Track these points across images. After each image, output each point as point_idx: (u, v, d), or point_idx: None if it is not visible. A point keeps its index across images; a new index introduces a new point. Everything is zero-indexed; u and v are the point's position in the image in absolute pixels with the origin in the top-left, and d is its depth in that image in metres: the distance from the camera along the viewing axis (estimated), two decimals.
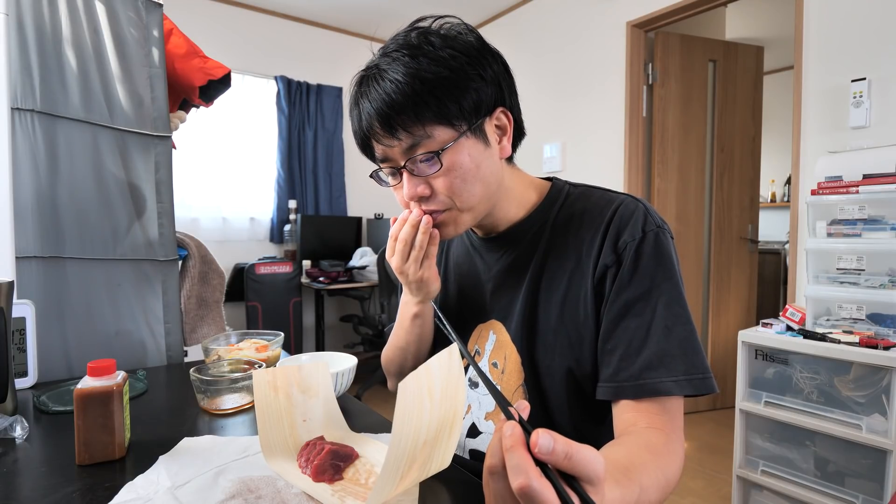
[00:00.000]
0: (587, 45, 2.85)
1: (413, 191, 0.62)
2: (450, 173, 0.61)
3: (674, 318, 0.59)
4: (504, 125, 0.65)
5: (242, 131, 3.35)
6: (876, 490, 1.44)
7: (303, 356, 0.87)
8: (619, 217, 0.63)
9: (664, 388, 0.57)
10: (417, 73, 0.57)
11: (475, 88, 0.60)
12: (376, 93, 0.59)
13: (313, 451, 0.57)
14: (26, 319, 0.89)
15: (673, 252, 0.63)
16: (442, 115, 0.58)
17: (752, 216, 2.93)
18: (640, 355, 0.58)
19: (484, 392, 0.73)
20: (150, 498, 0.51)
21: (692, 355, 0.58)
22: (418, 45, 0.59)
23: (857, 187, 1.63)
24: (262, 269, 3.14)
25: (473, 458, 0.74)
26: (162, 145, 1.11)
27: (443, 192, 0.62)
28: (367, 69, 0.63)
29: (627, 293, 0.61)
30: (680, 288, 0.62)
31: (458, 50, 0.60)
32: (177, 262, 1.15)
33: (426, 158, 0.60)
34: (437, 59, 0.58)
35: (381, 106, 0.59)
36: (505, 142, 0.65)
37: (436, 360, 0.48)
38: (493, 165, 0.64)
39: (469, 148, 0.61)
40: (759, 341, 1.68)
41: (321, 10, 3.45)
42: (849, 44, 1.90)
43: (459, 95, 0.59)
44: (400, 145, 0.60)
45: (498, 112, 0.64)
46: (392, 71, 0.59)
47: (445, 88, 0.58)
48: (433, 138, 0.59)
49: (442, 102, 0.58)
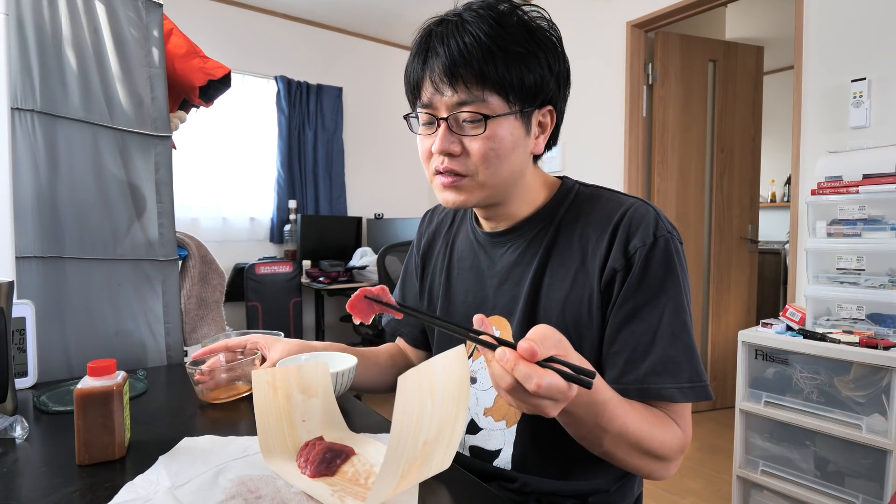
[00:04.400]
0: (587, 45, 2.86)
1: (446, 145, 0.61)
2: (488, 142, 0.61)
3: (680, 326, 0.60)
4: (546, 124, 0.66)
5: (242, 131, 3.35)
6: (876, 490, 1.44)
7: (302, 356, 0.87)
8: (629, 220, 0.63)
9: (668, 394, 0.59)
10: (498, 37, 0.58)
11: (541, 76, 0.61)
12: (454, 39, 0.59)
13: (312, 451, 0.57)
14: (26, 319, 0.89)
15: (683, 260, 0.64)
16: (503, 86, 0.59)
17: (752, 216, 2.93)
18: (646, 360, 0.59)
19: (482, 388, 0.73)
20: (150, 498, 0.51)
21: (696, 363, 0.60)
22: (506, 15, 0.60)
23: (857, 187, 1.63)
24: (262, 269, 3.14)
25: (474, 455, 0.74)
26: (162, 145, 1.11)
27: (474, 157, 0.61)
28: (448, 15, 0.62)
29: (636, 298, 0.61)
30: (686, 296, 0.63)
31: (539, 37, 0.61)
32: (177, 262, 1.15)
33: (473, 119, 0.60)
34: (519, 35, 0.59)
35: (454, 52, 0.58)
36: (541, 139, 0.67)
37: (439, 359, 0.47)
38: (524, 154, 0.65)
39: (513, 128, 0.62)
40: (759, 341, 1.68)
41: (321, 10, 3.45)
42: (849, 44, 1.90)
43: (525, 75, 0.60)
44: (453, 97, 0.60)
45: (546, 109, 0.65)
46: (475, 25, 0.59)
47: (517, 63, 0.59)
48: (486, 103, 0.60)
49: (510, 73, 0.59)
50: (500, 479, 0.70)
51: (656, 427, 0.58)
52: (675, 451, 0.59)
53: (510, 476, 0.69)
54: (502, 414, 0.71)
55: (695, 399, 0.60)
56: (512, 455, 0.70)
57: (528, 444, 0.69)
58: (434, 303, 0.83)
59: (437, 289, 0.83)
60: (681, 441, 0.60)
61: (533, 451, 0.69)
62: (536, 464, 0.69)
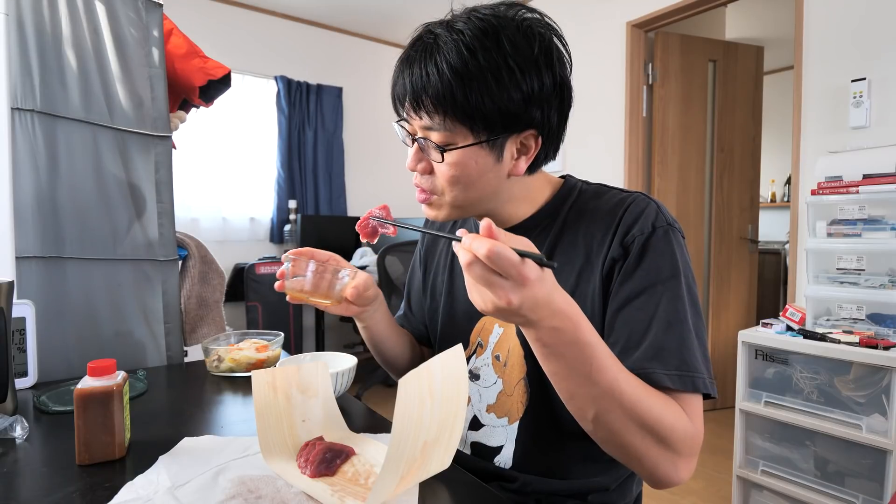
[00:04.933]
0: (587, 45, 2.86)
1: (415, 163, 0.65)
2: (451, 168, 0.61)
3: (676, 315, 0.58)
4: (529, 147, 0.62)
5: (242, 131, 3.35)
6: (876, 490, 1.44)
7: (306, 356, 0.87)
8: (630, 213, 0.63)
9: (657, 377, 0.55)
10: (465, 70, 0.56)
11: (514, 104, 0.58)
12: (419, 67, 0.58)
13: (312, 451, 0.57)
14: (26, 319, 0.89)
15: (684, 251, 0.62)
16: (467, 117, 0.58)
17: (752, 216, 2.93)
18: (640, 348, 0.58)
19: (485, 385, 0.73)
20: (150, 498, 0.51)
21: (687, 354, 0.57)
22: (487, 37, 0.57)
23: (857, 187, 1.63)
24: (262, 269, 3.14)
25: (475, 451, 0.74)
26: (162, 145, 1.11)
27: (440, 179, 0.63)
28: (427, 32, 0.60)
29: (630, 285, 0.60)
30: (685, 288, 0.60)
31: (523, 56, 0.57)
32: (177, 263, 1.15)
33: (435, 147, 0.61)
34: (493, 64, 0.56)
35: (417, 81, 0.58)
36: (522, 162, 0.63)
37: (438, 359, 0.48)
38: (495, 179, 0.63)
39: (479, 157, 0.60)
40: (759, 341, 1.68)
41: (321, 10, 3.45)
42: (849, 44, 1.90)
43: (493, 108, 0.57)
44: (421, 122, 0.61)
45: (527, 133, 0.61)
46: (445, 52, 0.57)
47: (483, 95, 0.56)
48: (450, 132, 0.59)
49: (472, 107, 0.57)
50: (500, 479, 0.70)
51: (655, 398, 0.53)
52: (683, 441, 0.53)
53: (510, 476, 0.69)
54: (505, 411, 0.71)
55: (685, 389, 0.55)
56: (514, 452, 0.70)
57: (530, 442, 0.69)
58: (437, 300, 0.83)
59: (439, 286, 0.83)
60: (689, 429, 0.54)
61: (534, 448, 0.69)
62: (537, 461, 0.69)
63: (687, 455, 0.55)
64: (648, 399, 0.52)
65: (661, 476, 0.54)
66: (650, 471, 0.54)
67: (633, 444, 0.52)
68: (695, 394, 0.57)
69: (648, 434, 0.52)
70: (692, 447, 0.55)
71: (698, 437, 0.55)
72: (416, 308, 0.91)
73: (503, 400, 0.71)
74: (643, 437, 0.52)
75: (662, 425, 0.52)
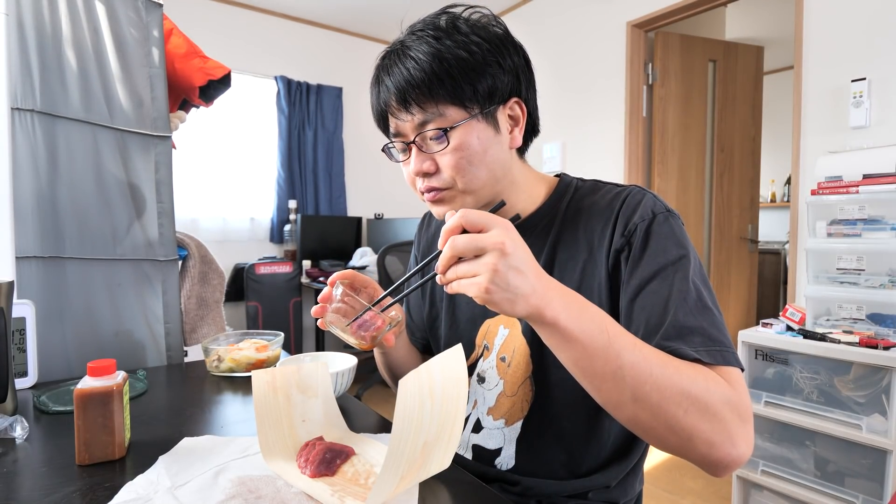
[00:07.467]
0: (587, 44, 2.85)
1: (419, 166, 0.64)
2: (456, 152, 0.61)
3: (690, 294, 0.57)
4: (517, 116, 0.66)
5: (242, 131, 3.35)
6: (876, 490, 1.44)
7: (306, 356, 0.87)
8: (628, 205, 0.64)
9: (683, 352, 0.53)
10: (438, 54, 0.59)
11: (492, 75, 0.61)
12: (397, 68, 0.61)
13: (312, 451, 0.57)
14: (26, 319, 0.89)
15: (685, 234, 0.62)
16: (455, 96, 0.60)
17: (752, 216, 2.94)
18: (661, 330, 0.56)
19: (488, 387, 0.73)
20: (150, 498, 0.51)
21: (709, 328, 0.55)
22: (444, 28, 0.62)
23: (857, 187, 1.63)
24: (262, 269, 3.14)
25: (476, 454, 0.74)
26: (162, 145, 1.11)
27: (447, 170, 0.63)
28: (393, 45, 0.64)
29: (640, 272, 0.60)
30: (696, 267, 0.59)
31: (482, 37, 0.61)
32: (177, 262, 1.15)
33: (435, 136, 0.61)
34: (460, 42, 0.60)
35: (399, 80, 0.60)
36: (517, 132, 0.66)
37: (437, 360, 0.48)
38: (501, 153, 0.65)
39: (479, 131, 0.62)
40: (759, 341, 1.68)
41: (321, 10, 3.45)
42: (849, 44, 1.90)
43: (475, 79, 0.60)
44: (412, 121, 0.62)
45: (512, 102, 0.65)
46: (415, 49, 0.61)
47: (462, 70, 0.60)
48: (445, 117, 0.61)
49: (457, 83, 0.60)
50: (501, 482, 0.70)
51: (685, 366, 0.50)
52: (727, 405, 0.50)
53: (511, 479, 0.69)
54: (502, 413, 0.71)
55: (716, 362, 0.53)
56: (515, 454, 0.70)
57: (529, 444, 0.69)
58: (437, 306, 0.83)
59: (439, 292, 0.83)
60: (729, 392, 0.50)
61: (533, 450, 0.69)
62: (537, 463, 0.69)
63: (737, 421, 0.50)
64: (680, 366, 0.50)
65: (721, 454, 0.50)
66: (706, 451, 0.50)
67: (677, 418, 0.49)
68: (726, 366, 0.54)
69: (691, 405, 0.49)
70: (740, 412, 0.51)
71: (743, 401, 0.51)
72: (416, 316, 0.90)
73: (501, 401, 0.71)
74: (686, 409, 0.48)
75: (704, 392, 0.49)
